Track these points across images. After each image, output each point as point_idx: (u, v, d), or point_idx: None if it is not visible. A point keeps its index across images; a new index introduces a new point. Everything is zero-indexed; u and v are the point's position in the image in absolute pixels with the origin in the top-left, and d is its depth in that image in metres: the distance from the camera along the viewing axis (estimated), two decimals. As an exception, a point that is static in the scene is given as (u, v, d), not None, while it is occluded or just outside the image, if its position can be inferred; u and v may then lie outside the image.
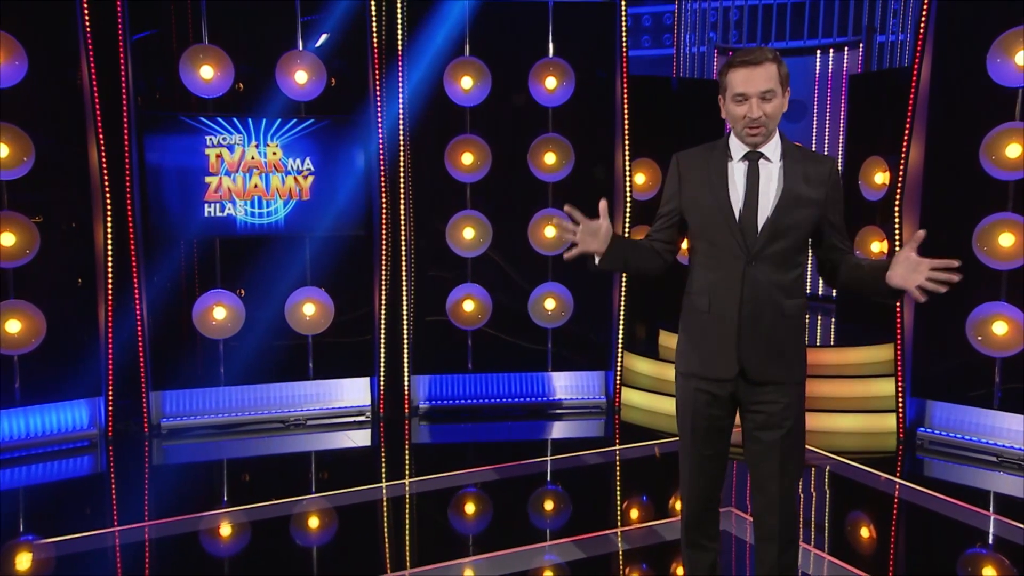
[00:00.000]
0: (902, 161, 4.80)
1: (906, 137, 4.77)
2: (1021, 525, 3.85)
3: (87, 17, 4.78)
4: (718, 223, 2.35)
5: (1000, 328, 4.64)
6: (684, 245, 2.55)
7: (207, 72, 5.11)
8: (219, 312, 5.31)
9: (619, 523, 4.00)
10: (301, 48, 5.36)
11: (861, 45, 7.99)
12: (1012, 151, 4.50)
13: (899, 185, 4.85)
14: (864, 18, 8.75)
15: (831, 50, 8.20)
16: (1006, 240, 4.56)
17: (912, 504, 4.22)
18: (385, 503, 4.22)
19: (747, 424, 2.45)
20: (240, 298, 5.40)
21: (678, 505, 4.12)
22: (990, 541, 3.81)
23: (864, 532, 4.04)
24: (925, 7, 4.71)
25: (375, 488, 4.37)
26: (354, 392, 5.68)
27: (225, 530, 3.93)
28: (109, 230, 4.93)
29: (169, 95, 5.27)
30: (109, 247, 4.95)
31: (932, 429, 4.98)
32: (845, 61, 8.07)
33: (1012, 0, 4.49)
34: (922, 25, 4.72)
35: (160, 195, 5.14)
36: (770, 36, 9.92)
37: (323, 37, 5.42)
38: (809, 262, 2.51)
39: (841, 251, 2.44)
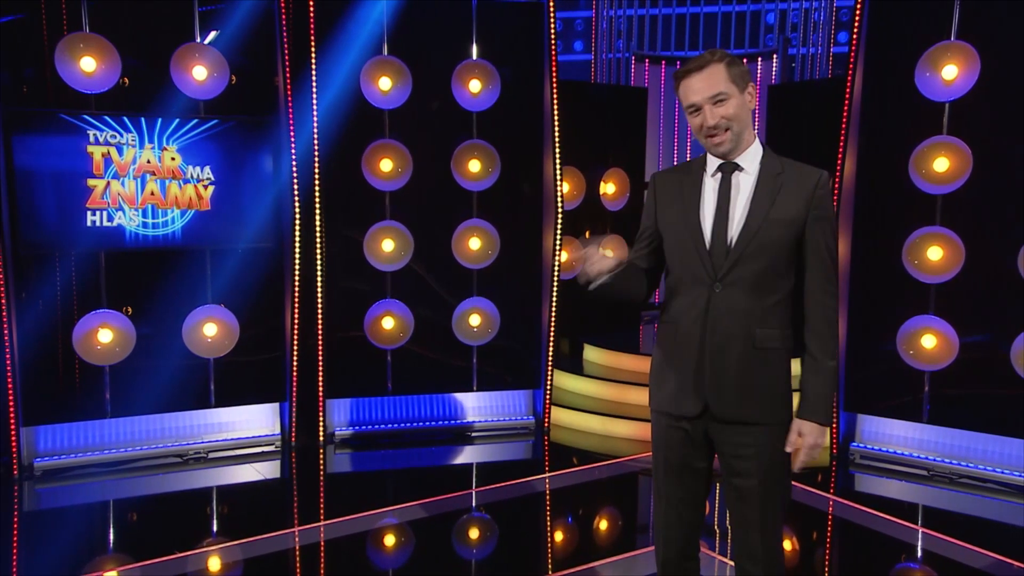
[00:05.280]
0: (837, 173, 4.75)
1: (841, 150, 4.73)
2: (951, 539, 3.82)
3: (-59, -4, 4.13)
4: (686, 244, 2.15)
5: (929, 342, 4.64)
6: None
7: (88, 64, 4.52)
8: (104, 335, 4.70)
9: (577, 560, 3.70)
10: (199, 41, 4.83)
11: (775, 57, 8.06)
12: (940, 165, 4.52)
13: (835, 198, 4.80)
14: (775, 30, 8.87)
15: (744, 60, 8.24)
16: (934, 254, 4.58)
17: (845, 520, 4.14)
18: (298, 552, 3.77)
19: (723, 469, 2.22)
20: (127, 316, 4.80)
21: (634, 532, 3.97)
22: (919, 555, 3.77)
23: (792, 547, 3.91)
24: (857, 20, 4.68)
25: (287, 534, 3.91)
26: (262, 419, 5.19)
27: (114, 592, 3.41)
28: (-30, 243, 4.27)
29: (40, 90, 4.62)
30: (-30, 262, 4.28)
31: (863, 443, 4.96)
32: (759, 72, 8.14)
33: (939, 15, 4.51)
34: (854, 37, 4.68)
35: (32, 202, 4.50)
36: (683, 45, 9.96)
37: (213, 34, 4.89)
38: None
39: (806, 313, 2.16)
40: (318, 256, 5.06)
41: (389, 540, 3.96)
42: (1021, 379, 4.39)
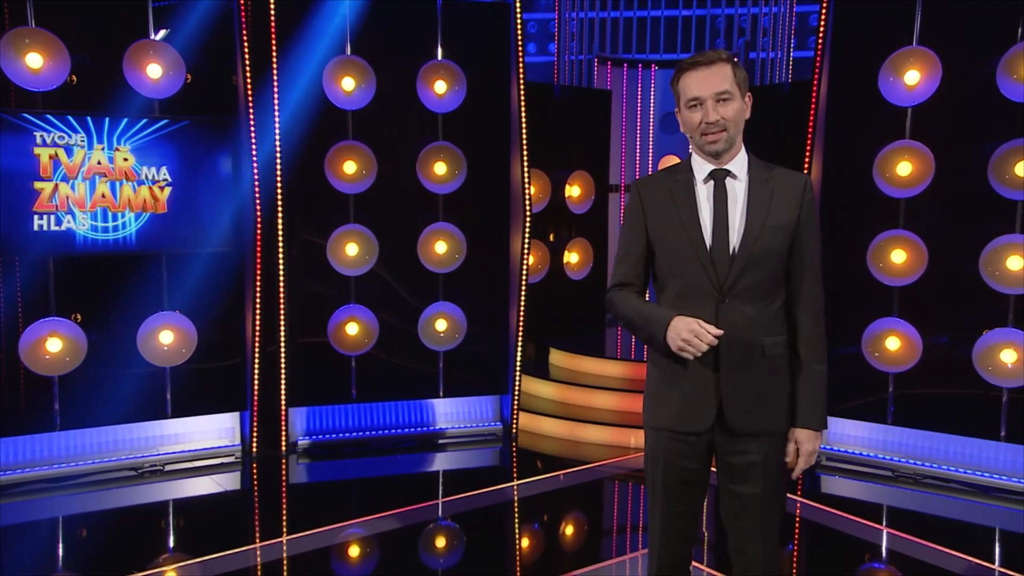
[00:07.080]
0: (804, 178, 4.79)
1: (808, 154, 4.76)
2: (916, 539, 3.86)
3: None
4: (687, 256, 2.08)
5: (893, 344, 4.70)
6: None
7: (35, 60, 4.32)
8: (53, 344, 4.49)
9: (548, 570, 3.65)
10: (153, 38, 4.66)
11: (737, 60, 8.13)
12: (903, 169, 4.57)
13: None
14: (735, 33, 8.95)
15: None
16: (898, 257, 4.63)
17: (811, 522, 4.14)
18: (260, 569, 3.63)
19: (722, 476, 2.18)
20: (77, 324, 4.60)
21: (620, 540, 3.92)
22: (884, 556, 3.79)
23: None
24: (822, 26, 4.71)
25: (248, 550, 3.77)
26: (221, 430, 5.02)
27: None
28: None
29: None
30: (-93, 269, 4.06)
31: (828, 445, 4.99)
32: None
33: (901, 21, 4.56)
34: (820, 43, 4.72)
35: (-25, 205, 4.29)
36: (644, 48, 9.99)
37: (163, 32, 4.72)
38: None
39: (796, 320, 2.13)
40: (280, 260, 4.92)
41: (355, 553, 3.84)
42: (984, 380, 4.47)
